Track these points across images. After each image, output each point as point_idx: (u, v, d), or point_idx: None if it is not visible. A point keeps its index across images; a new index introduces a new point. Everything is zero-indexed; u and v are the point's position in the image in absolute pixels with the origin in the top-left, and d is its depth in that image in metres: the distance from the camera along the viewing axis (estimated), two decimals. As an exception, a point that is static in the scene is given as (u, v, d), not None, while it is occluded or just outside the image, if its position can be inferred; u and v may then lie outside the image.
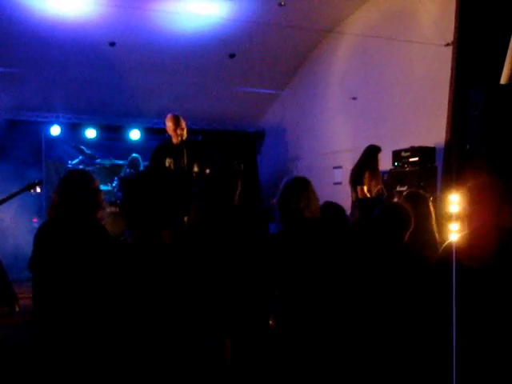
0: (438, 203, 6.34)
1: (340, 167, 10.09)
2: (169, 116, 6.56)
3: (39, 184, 6.17)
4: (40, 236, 3.28)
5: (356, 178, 7.19)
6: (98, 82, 10.09)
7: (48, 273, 3.16)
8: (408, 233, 3.52)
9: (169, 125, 6.51)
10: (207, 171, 6.18)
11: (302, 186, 3.45)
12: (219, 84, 10.72)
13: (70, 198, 3.29)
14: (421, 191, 4.71)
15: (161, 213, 2.48)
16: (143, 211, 2.46)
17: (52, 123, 10.71)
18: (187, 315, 2.40)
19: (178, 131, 6.43)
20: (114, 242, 2.52)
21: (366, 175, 7.14)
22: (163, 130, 7.15)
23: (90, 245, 2.98)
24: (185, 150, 6.34)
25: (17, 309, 6.00)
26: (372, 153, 7.29)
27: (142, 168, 9.58)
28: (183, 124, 6.49)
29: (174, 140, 6.49)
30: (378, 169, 7.27)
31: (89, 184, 3.37)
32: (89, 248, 2.90)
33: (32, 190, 6.19)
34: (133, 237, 2.50)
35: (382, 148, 7.38)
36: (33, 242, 3.30)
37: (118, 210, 8.22)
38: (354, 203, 7.29)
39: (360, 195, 7.09)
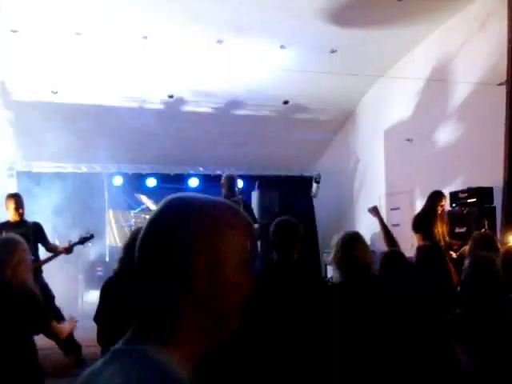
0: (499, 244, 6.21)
1: (397, 208, 10.01)
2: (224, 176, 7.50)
3: (91, 238, 6.30)
4: (107, 291, 3.40)
5: (414, 224, 6.87)
6: (158, 133, 10.43)
7: (112, 329, 3.26)
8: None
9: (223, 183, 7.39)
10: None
11: (356, 240, 3.54)
12: (275, 130, 10.93)
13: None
14: (488, 232, 4.63)
15: None
16: None
17: (115, 174, 11.13)
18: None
19: (236, 188, 7.31)
20: None
21: (429, 222, 6.69)
22: (220, 177, 7.55)
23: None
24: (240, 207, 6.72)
25: (82, 357, 6.14)
26: (431, 199, 6.92)
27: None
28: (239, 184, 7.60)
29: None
30: (437, 215, 6.74)
31: None
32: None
33: (84, 245, 6.34)
34: None
35: (439, 189, 7.06)
36: (99, 293, 3.44)
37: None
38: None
39: (417, 243, 6.85)
